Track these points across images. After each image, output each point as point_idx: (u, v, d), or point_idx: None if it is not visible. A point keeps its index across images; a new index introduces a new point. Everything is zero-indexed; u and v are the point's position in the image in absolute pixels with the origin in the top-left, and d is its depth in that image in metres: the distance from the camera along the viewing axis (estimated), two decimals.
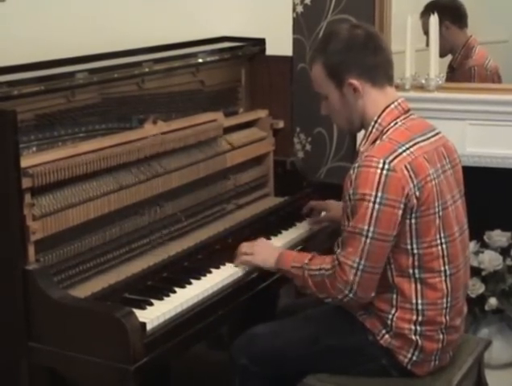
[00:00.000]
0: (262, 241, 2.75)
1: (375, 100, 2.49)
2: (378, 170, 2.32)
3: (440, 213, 2.41)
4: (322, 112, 2.62)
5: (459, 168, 2.58)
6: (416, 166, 2.37)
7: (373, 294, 2.41)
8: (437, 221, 2.40)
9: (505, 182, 3.87)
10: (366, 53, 2.48)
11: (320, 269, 2.44)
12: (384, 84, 2.51)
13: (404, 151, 2.37)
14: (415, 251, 2.39)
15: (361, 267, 2.34)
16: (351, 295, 2.37)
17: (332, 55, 2.49)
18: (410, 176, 2.34)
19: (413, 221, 2.37)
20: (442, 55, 4.07)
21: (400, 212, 2.33)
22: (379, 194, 2.31)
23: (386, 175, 2.32)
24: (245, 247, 2.69)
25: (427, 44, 3.95)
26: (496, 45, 4.46)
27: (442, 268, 2.43)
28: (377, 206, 2.31)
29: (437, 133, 2.56)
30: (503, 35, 4.52)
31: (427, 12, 4.11)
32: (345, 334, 2.50)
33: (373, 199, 2.31)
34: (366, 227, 2.32)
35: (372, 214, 2.32)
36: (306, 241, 2.99)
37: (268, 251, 2.67)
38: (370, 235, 2.33)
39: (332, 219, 3.00)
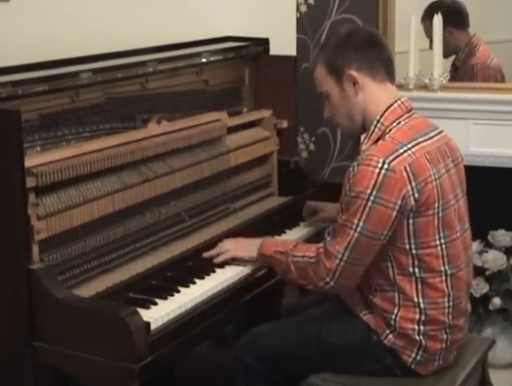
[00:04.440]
0: (239, 237, 2.79)
1: (376, 96, 2.49)
2: (377, 170, 2.32)
3: (440, 214, 2.40)
4: (325, 116, 2.62)
5: (461, 167, 2.58)
6: (417, 167, 2.36)
7: (353, 285, 2.45)
8: (436, 221, 2.40)
9: (509, 182, 3.86)
10: (366, 48, 2.49)
11: (303, 257, 2.48)
12: (385, 81, 2.51)
13: (405, 152, 2.37)
14: (414, 251, 2.39)
15: (344, 258, 2.37)
16: (332, 283, 2.40)
17: (332, 50, 2.51)
18: (409, 178, 2.34)
19: (410, 221, 2.37)
20: (446, 55, 4.06)
21: (394, 213, 2.33)
22: (374, 192, 2.32)
23: (384, 175, 2.32)
24: (226, 244, 2.72)
25: (431, 47, 3.94)
26: (503, 44, 4.45)
27: (442, 269, 2.42)
28: (369, 203, 2.32)
29: (440, 132, 2.56)
30: (510, 34, 4.52)
31: (427, 16, 4.10)
32: (349, 333, 2.50)
33: (366, 196, 2.32)
34: (356, 222, 2.34)
35: (363, 210, 2.33)
36: (309, 241, 2.98)
37: (250, 242, 2.70)
38: (359, 229, 2.34)
39: (326, 219, 3.02)
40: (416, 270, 2.41)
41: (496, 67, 4.21)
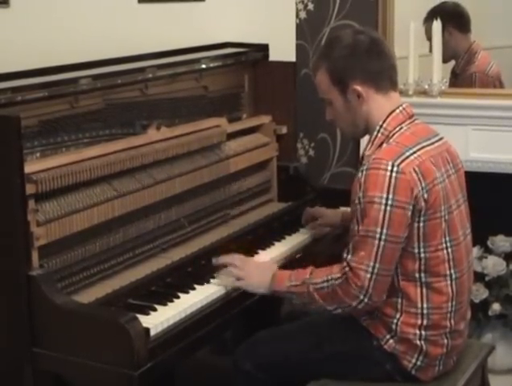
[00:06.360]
0: (252, 262, 2.65)
1: (379, 105, 2.50)
2: (388, 173, 2.32)
3: (446, 217, 2.41)
4: (327, 118, 2.63)
5: (462, 173, 2.59)
6: (424, 169, 2.37)
7: (384, 297, 2.40)
8: (443, 225, 2.40)
9: (508, 188, 3.87)
10: (370, 59, 2.49)
11: (327, 281, 2.41)
12: (388, 90, 2.52)
13: (412, 154, 2.38)
14: (422, 255, 2.39)
15: (375, 271, 2.33)
16: (366, 300, 2.35)
17: (336, 61, 2.50)
18: (419, 179, 2.35)
19: (421, 224, 2.37)
20: (445, 60, 4.07)
21: (410, 214, 2.34)
22: (390, 196, 2.31)
23: (396, 178, 2.32)
24: (235, 269, 2.57)
25: (431, 50, 3.95)
26: (502, 50, 4.46)
27: (447, 272, 2.43)
28: (388, 208, 2.31)
29: (440, 138, 2.57)
30: (509, 40, 4.52)
31: (430, 18, 4.11)
32: (349, 339, 2.50)
33: (384, 201, 2.31)
34: (379, 230, 2.32)
35: (384, 216, 2.31)
36: (309, 247, 2.99)
37: (260, 274, 2.56)
38: (383, 237, 2.32)
39: (326, 226, 3.02)
40: (422, 275, 2.41)
41: (495, 74, 4.21)
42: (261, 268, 2.61)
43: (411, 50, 3.86)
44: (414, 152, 2.40)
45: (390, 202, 2.31)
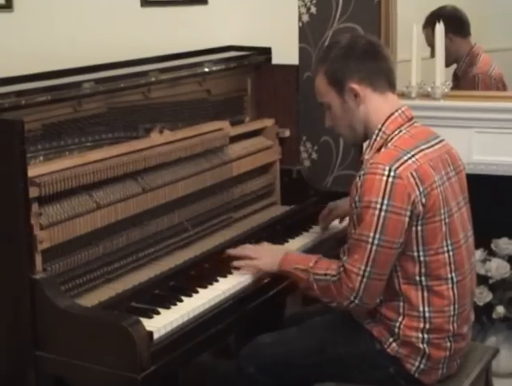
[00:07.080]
0: (266, 245, 2.78)
1: (377, 106, 2.50)
2: (384, 177, 2.32)
3: (446, 220, 2.41)
4: (326, 125, 2.63)
5: (463, 175, 2.58)
6: (422, 173, 2.37)
7: (378, 300, 2.42)
8: (443, 228, 2.40)
9: (511, 190, 3.86)
10: (367, 59, 2.49)
11: (325, 275, 2.44)
12: (386, 91, 2.52)
13: (409, 158, 2.38)
14: (422, 258, 2.39)
15: (366, 274, 2.34)
16: (356, 301, 2.37)
17: (333, 62, 2.51)
18: (416, 183, 2.34)
19: (419, 228, 2.37)
20: (447, 64, 4.06)
21: (406, 219, 2.33)
22: (385, 201, 2.31)
23: (392, 183, 2.32)
24: (249, 250, 2.69)
25: (432, 55, 3.95)
26: (504, 52, 4.45)
27: (448, 276, 2.43)
28: (383, 213, 2.31)
29: (441, 141, 2.56)
30: (510, 43, 4.52)
31: (428, 24, 4.11)
32: (352, 342, 2.50)
33: (379, 206, 2.31)
34: (372, 235, 2.33)
35: (378, 221, 2.32)
36: (312, 250, 2.98)
37: (273, 254, 2.64)
38: (376, 242, 2.33)
39: (341, 214, 3.03)
40: (423, 278, 2.41)
41: (497, 76, 4.21)
42: (274, 249, 2.73)
43: (414, 53, 3.86)
44: (413, 155, 2.39)
45: (385, 207, 2.31)
